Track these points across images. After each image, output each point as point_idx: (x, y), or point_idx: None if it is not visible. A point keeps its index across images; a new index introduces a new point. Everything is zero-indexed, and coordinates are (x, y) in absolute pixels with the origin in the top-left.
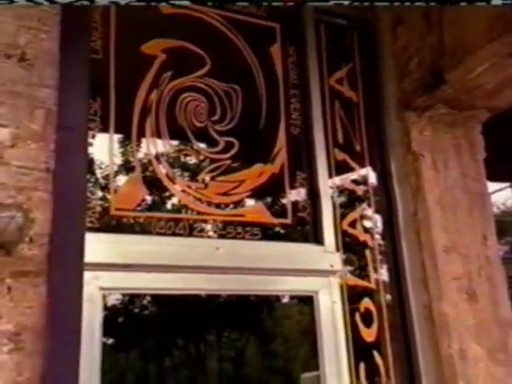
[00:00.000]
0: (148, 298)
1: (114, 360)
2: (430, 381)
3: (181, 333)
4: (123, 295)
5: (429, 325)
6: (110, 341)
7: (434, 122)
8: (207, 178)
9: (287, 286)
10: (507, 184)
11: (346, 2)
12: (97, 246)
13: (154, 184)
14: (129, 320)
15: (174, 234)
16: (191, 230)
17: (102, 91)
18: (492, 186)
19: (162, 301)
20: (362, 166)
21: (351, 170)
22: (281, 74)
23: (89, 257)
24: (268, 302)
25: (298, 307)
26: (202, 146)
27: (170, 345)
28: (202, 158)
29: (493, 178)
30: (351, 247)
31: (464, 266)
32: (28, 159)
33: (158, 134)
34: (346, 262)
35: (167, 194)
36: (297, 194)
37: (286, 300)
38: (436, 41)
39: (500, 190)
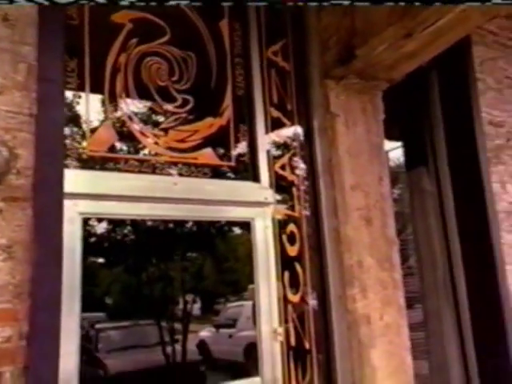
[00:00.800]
0: (128, 228)
1: (97, 275)
2: (336, 283)
3: (152, 253)
4: (107, 224)
5: (336, 243)
6: (96, 260)
7: (347, 88)
8: (167, 128)
9: (231, 214)
10: (400, 143)
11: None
12: (75, 180)
13: (123, 131)
14: (111, 244)
15: (139, 172)
16: (154, 169)
17: (77, 52)
18: (390, 145)
19: (138, 228)
20: (292, 122)
21: (283, 124)
22: (228, 45)
23: (68, 188)
24: (223, 230)
25: (247, 234)
26: (163, 101)
27: (143, 263)
28: (163, 111)
29: (390, 137)
30: (281, 185)
31: (364, 199)
32: (14, 105)
33: (126, 90)
34: (277, 196)
35: (134, 139)
36: (240, 143)
37: (237, 230)
38: (350, 23)
39: (396, 148)
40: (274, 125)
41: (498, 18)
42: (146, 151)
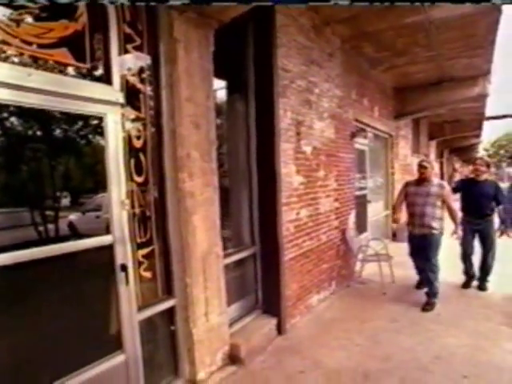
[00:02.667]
0: None
1: None
2: (170, 169)
3: (24, 157)
4: None
5: (172, 140)
6: None
7: (188, 21)
8: (18, 20)
9: (87, 109)
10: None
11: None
12: None
13: None
14: None
15: None
16: (7, 58)
17: None
18: (219, 83)
19: (8, 133)
20: (142, 40)
21: (134, 41)
22: None
23: None
24: (87, 136)
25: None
26: None
27: (17, 164)
28: (13, 3)
29: (219, 77)
30: (131, 91)
31: (195, 109)
32: None
33: None
34: (128, 99)
35: None
36: (95, 49)
37: (99, 138)
38: None
39: (223, 87)
40: (127, 40)
41: None
42: None
